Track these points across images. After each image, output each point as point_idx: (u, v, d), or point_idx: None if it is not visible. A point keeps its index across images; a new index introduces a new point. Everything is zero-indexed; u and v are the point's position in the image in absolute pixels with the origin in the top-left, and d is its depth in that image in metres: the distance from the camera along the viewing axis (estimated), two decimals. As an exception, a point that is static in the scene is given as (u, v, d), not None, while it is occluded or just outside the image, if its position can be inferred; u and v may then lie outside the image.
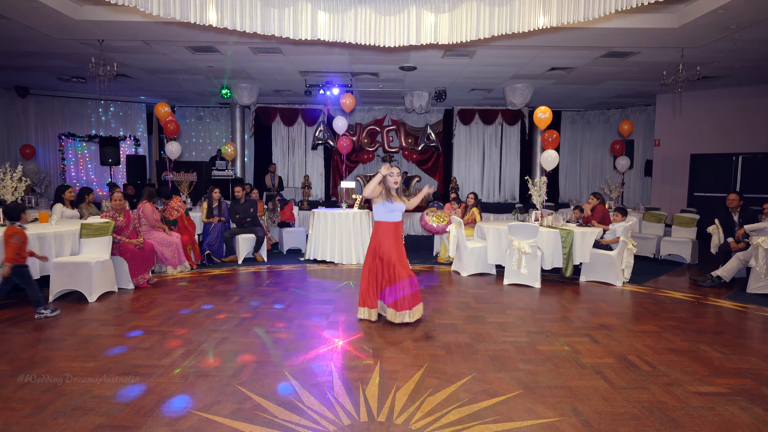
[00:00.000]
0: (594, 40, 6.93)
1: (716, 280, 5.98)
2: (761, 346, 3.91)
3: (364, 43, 5.18)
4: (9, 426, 2.51)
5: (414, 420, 2.62)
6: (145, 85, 10.77)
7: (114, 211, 5.54)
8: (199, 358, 3.44)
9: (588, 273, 6.18)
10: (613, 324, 4.40)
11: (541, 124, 7.44)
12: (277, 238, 8.54)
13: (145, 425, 2.53)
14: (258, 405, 2.76)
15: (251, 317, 4.46)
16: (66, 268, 4.84)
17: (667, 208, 10.37)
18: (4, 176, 5.84)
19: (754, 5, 5.44)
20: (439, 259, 7.47)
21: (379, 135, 13.33)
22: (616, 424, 2.61)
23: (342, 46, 7.00)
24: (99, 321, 4.28)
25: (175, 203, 6.85)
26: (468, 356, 3.55)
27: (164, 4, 4.67)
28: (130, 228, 5.56)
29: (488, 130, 13.57)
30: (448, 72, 9.15)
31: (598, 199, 6.91)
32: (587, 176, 14.14)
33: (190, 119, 13.83)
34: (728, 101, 10.22)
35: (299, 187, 12.51)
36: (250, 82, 10.31)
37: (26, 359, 3.38)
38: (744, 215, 6.40)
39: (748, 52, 7.40)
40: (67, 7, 6.04)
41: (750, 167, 10.02)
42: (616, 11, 4.68)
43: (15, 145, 11.62)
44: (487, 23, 5.02)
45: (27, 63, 8.87)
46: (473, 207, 7.35)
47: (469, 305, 4.98)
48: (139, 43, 7.39)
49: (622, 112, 13.26)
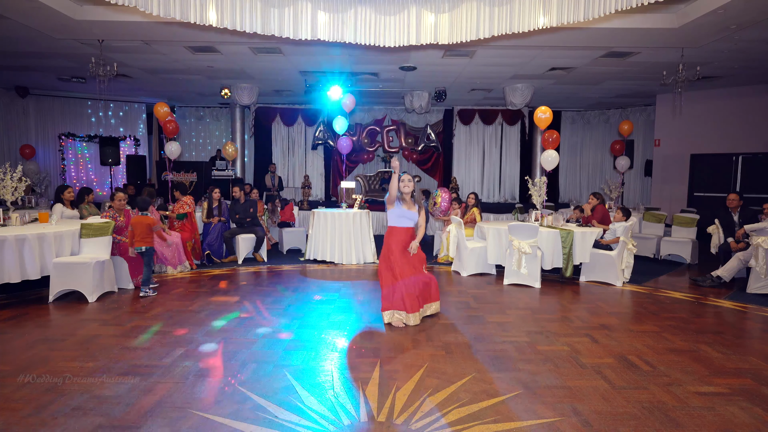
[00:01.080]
0: (594, 40, 6.93)
1: (716, 280, 5.97)
2: (761, 346, 3.91)
3: (364, 43, 5.18)
4: (9, 426, 2.51)
5: (414, 420, 2.62)
6: (145, 85, 10.77)
7: (114, 211, 5.55)
8: (199, 358, 3.44)
9: (588, 273, 6.18)
10: (613, 324, 4.40)
11: (541, 124, 7.44)
12: (277, 238, 8.54)
13: (145, 425, 2.53)
14: (258, 405, 2.76)
15: (251, 317, 4.46)
16: (66, 268, 4.84)
17: (667, 208, 10.37)
18: (4, 176, 5.84)
19: (754, 5, 5.44)
20: (439, 259, 7.46)
21: (379, 135, 13.33)
22: (616, 424, 2.61)
23: (342, 46, 7.00)
24: (99, 321, 4.28)
25: (188, 200, 6.92)
26: (468, 356, 3.55)
27: (164, 4, 4.67)
28: (129, 228, 5.56)
29: (488, 130, 13.57)
30: (448, 72, 9.15)
31: (598, 199, 6.91)
32: (587, 176, 14.15)
33: (190, 119, 13.83)
34: (728, 101, 10.22)
35: (299, 187, 12.52)
36: (250, 82, 10.31)
37: (26, 359, 3.38)
38: (744, 215, 6.40)
39: (748, 52, 7.40)
40: (67, 7, 6.04)
41: (750, 167, 10.02)
42: (616, 11, 4.68)
43: (15, 145, 11.63)
44: (487, 23, 5.02)
45: (27, 63, 8.87)
46: (473, 207, 7.35)
47: (469, 305, 4.98)
48: (139, 43, 7.39)
49: (622, 112, 13.27)
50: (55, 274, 4.82)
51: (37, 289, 5.21)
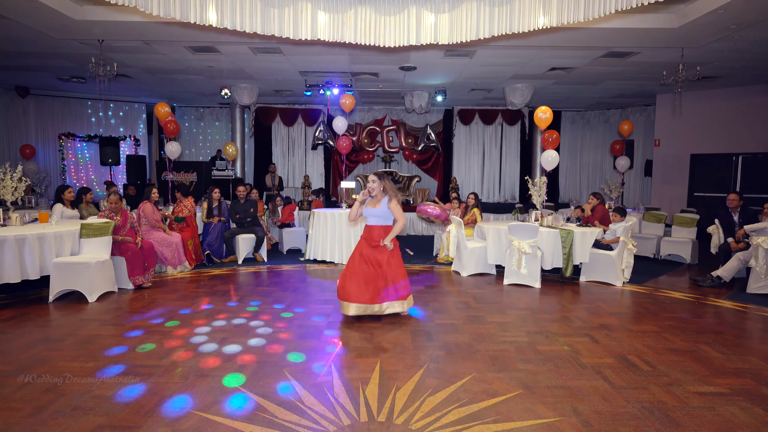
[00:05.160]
0: (594, 40, 6.93)
1: (716, 280, 5.97)
2: (761, 346, 3.91)
3: (364, 43, 5.18)
4: (9, 426, 2.51)
5: (414, 420, 2.62)
6: (145, 85, 10.77)
7: (110, 212, 5.53)
8: (199, 358, 3.44)
9: (588, 273, 6.18)
10: (613, 324, 4.39)
11: (541, 124, 7.44)
12: (277, 238, 8.54)
13: (145, 425, 2.53)
14: (258, 405, 2.76)
15: (251, 317, 4.46)
16: (66, 268, 4.83)
17: (667, 208, 10.38)
18: (4, 176, 5.84)
19: (754, 5, 5.44)
20: (439, 259, 7.46)
21: (379, 135, 13.34)
22: (616, 424, 2.61)
23: (342, 46, 7.00)
24: (99, 321, 4.28)
25: (189, 202, 6.95)
26: (468, 356, 3.55)
27: (164, 4, 4.67)
28: (126, 227, 5.54)
29: (488, 130, 13.57)
30: (448, 72, 9.15)
31: (598, 199, 6.91)
32: (587, 176, 14.15)
33: (190, 119, 13.83)
34: (728, 101, 10.22)
35: (299, 187, 12.51)
36: (250, 82, 10.31)
37: (26, 359, 3.38)
38: (744, 215, 6.40)
39: (748, 52, 7.40)
40: (67, 7, 6.04)
41: (750, 167, 10.02)
42: (616, 11, 4.68)
43: (15, 145, 11.63)
44: (487, 23, 5.02)
45: (27, 63, 8.87)
46: (474, 207, 7.35)
47: (469, 305, 4.98)
48: (139, 43, 7.39)
49: (622, 112, 13.27)
50: (55, 274, 4.82)
51: (37, 289, 5.21)
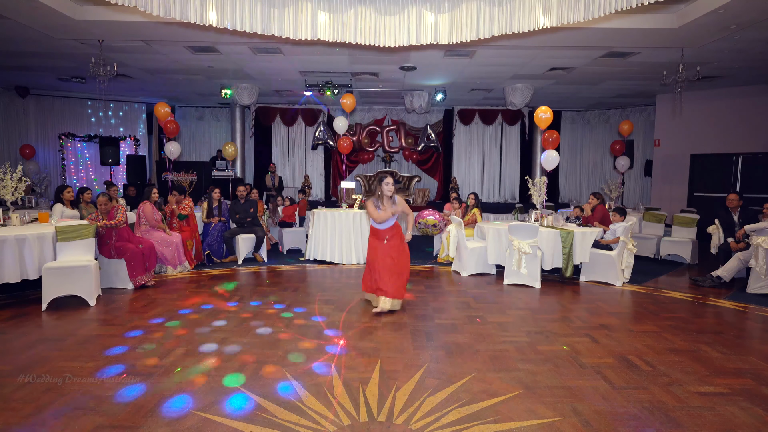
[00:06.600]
0: (594, 40, 6.93)
1: (716, 280, 5.97)
2: (761, 346, 3.91)
3: (364, 43, 5.18)
4: (9, 426, 2.51)
5: (414, 420, 2.62)
6: (145, 85, 10.77)
7: (99, 213, 5.48)
8: (199, 358, 3.44)
9: (588, 273, 6.18)
10: (613, 324, 4.39)
11: (541, 124, 7.44)
12: (277, 238, 8.54)
13: (145, 425, 2.53)
14: (258, 405, 2.76)
15: (251, 317, 4.46)
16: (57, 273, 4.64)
17: (667, 208, 10.37)
18: (4, 176, 5.84)
19: (754, 5, 5.44)
20: (439, 259, 7.46)
21: (379, 135, 13.34)
22: (616, 424, 2.61)
23: (342, 46, 7.01)
24: (99, 321, 4.28)
25: (188, 201, 6.97)
26: (468, 356, 3.55)
27: (164, 4, 4.67)
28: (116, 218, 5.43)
29: (488, 130, 13.57)
30: (448, 72, 9.15)
31: (598, 199, 6.91)
32: (587, 176, 14.14)
33: (190, 119, 13.83)
34: (728, 101, 10.22)
35: (299, 188, 12.51)
36: (250, 82, 10.31)
37: (26, 359, 3.38)
38: (744, 215, 6.40)
39: (748, 52, 7.40)
40: (67, 7, 6.05)
41: (750, 167, 10.02)
42: (616, 11, 4.68)
43: (15, 145, 11.63)
44: (487, 23, 5.02)
45: (27, 63, 8.87)
46: (474, 208, 7.35)
47: (469, 305, 4.98)
48: (139, 43, 7.39)
49: (622, 112, 13.27)
50: (46, 279, 4.61)
51: (37, 289, 5.19)
